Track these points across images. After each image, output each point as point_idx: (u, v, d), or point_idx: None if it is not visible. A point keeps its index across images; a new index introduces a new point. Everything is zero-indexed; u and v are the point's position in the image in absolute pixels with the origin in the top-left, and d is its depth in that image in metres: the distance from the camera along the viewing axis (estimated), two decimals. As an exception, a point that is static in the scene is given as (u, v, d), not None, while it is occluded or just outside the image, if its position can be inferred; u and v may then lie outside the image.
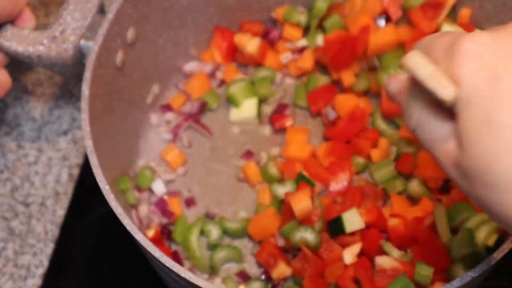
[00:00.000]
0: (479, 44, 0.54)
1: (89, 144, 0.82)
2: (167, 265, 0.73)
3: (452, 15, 1.01)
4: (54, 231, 1.01)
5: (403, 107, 0.63)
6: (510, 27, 0.56)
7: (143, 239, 0.75)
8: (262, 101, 1.03)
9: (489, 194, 0.54)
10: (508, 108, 0.52)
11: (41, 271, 0.99)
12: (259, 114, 1.02)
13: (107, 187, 0.79)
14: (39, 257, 1.00)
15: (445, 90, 0.54)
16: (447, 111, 0.57)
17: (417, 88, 0.60)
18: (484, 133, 0.53)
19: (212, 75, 1.05)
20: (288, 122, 1.00)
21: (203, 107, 1.02)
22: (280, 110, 1.02)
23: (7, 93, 1.00)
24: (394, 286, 0.79)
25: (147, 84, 1.01)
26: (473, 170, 0.54)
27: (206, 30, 1.06)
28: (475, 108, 0.53)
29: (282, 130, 1.00)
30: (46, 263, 0.99)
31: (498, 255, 0.74)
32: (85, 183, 1.04)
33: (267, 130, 1.02)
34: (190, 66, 1.05)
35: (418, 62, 0.55)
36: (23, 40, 0.91)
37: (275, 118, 1.01)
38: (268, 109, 1.02)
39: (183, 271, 0.72)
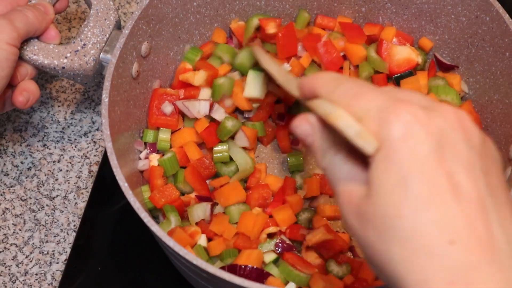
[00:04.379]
0: (413, 116, 0.52)
1: (109, 146, 0.81)
2: (180, 253, 0.72)
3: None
4: (75, 222, 1.02)
5: (315, 148, 0.61)
6: (441, 107, 0.54)
7: (159, 231, 0.75)
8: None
9: (379, 242, 0.52)
10: (423, 181, 0.51)
11: (64, 257, 0.99)
12: None
13: (126, 184, 0.78)
14: (62, 245, 1.00)
15: (369, 145, 0.53)
16: (358, 157, 0.57)
17: (331, 134, 0.59)
18: (395, 190, 0.51)
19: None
20: None
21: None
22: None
23: (37, 101, 1.02)
24: None
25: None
26: (372, 216, 0.53)
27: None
28: (392, 167, 0.52)
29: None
30: (68, 250, 0.99)
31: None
32: (104, 179, 1.04)
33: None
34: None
35: (348, 122, 0.54)
36: (49, 54, 0.91)
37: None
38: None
39: (195, 259, 0.72)
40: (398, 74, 1.02)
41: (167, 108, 0.97)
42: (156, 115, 0.96)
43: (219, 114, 0.98)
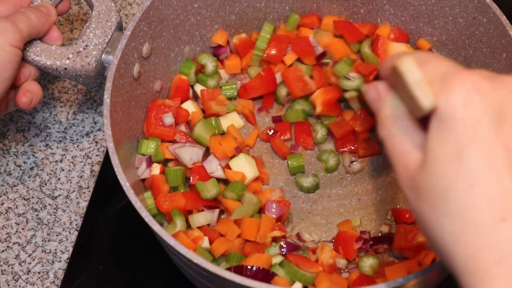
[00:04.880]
0: (476, 85, 0.52)
1: (110, 146, 0.81)
2: (181, 252, 0.72)
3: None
4: (77, 221, 1.02)
5: (379, 114, 0.61)
6: (505, 79, 0.54)
7: (160, 230, 0.75)
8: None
9: (431, 213, 0.52)
10: (479, 153, 0.50)
11: (66, 256, 0.99)
12: None
13: (128, 184, 0.78)
14: (64, 244, 1.00)
15: (426, 99, 0.52)
16: (418, 125, 0.57)
17: (395, 98, 0.59)
18: (450, 161, 0.51)
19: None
20: None
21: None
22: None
23: (40, 102, 1.02)
24: None
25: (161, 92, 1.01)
26: (426, 187, 0.52)
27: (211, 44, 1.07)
28: (450, 134, 0.51)
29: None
30: (70, 249, 0.99)
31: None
32: (105, 179, 1.04)
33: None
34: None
35: (410, 68, 0.54)
36: (51, 55, 0.91)
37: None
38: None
39: (195, 257, 0.72)
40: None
41: (168, 119, 0.96)
42: (154, 125, 0.95)
43: (212, 166, 0.95)
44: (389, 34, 1.05)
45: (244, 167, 0.95)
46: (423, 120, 0.56)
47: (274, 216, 0.92)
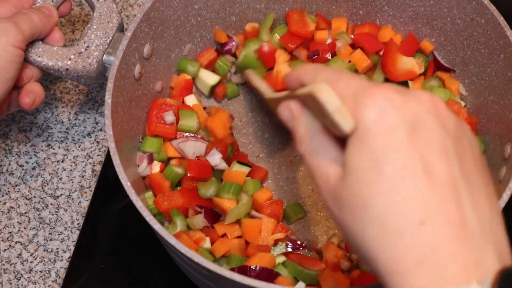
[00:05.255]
0: (388, 99, 0.53)
1: (112, 146, 0.81)
2: (182, 251, 0.72)
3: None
4: (79, 220, 1.02)
5: (296, 134, 0.62)
6: (415, 92, 0.55)
7: (161, 229, 0.75)
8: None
9: (354, 222, 0.53)
10: (396, 162, 0.51)
11: (68, 255, 0.99)
12: None
13: (129, 183, 0.79)
14: (66, 243, 1.00)
15: (347, 124, 0.53)
16: (334, 139, 0.58)
17: (310, 116, 0.61)
18: (370, 171, 0.52)
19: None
20: None
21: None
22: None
23: (42, 103, 1.02)
24: None
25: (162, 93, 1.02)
26: (347, 197, 0.54)
27: (212, 45, 1.07)
28: (368, 147, 0.52)
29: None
30: (72, 248, 1.00)
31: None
32: (107, 178, 1.04)
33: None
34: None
35: (329, 96, 0.54)
36: (53, 55, 0.91)
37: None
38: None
39: (196, 257, 0.72)
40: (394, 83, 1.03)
41: (169, 117, 0.96)
42: (155, 124, 0.96)
43: (215, 159, 0.95)
44: (399, 40, 1.06)
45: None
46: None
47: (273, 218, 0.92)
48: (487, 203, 0.54)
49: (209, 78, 1.04)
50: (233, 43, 1.06)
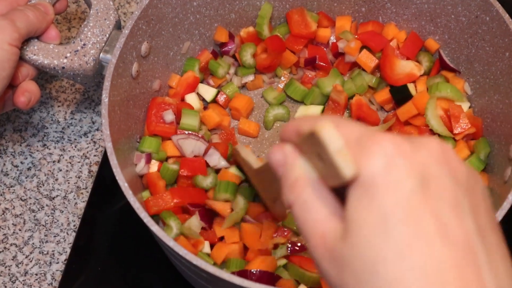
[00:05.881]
0: (396, 147, 0.48)
1: (109, 146, 0.81)
2: (180, 253, 0.72)
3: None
4: (75, 222, 1.02)
5: (285, 179, 0.54)
6: (424, 140, 0.50)
7: (159, 231, 0.75)
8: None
9: (357, 286, 0.47)
10: (406, 222, 0.46)
11: (64, 257, 0.99)
12: None
13: (126, 184, 0.78)
14: (62, 245, 1.00)
15: (347, 168, 0.48)
16: (332, 192, 0.52)
17: (305, 163, 0.54)
18: (376, 232, 0.47)
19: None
20: None
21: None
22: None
23: (38, 102, 1.02)
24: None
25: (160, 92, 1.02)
26: (350, 258, 0.48)
27: (210, 43, 1.07)
28: (372, 202, 0.47)
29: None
30: (68, 250, 0.99)
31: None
32: (103, 179, 1.04)
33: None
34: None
35: (331, 134, 0.49)
36: (49, 54, 0.91)
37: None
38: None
39: (195, 259, 0.72)
40: (394, 87, 1.03)
41: (168, 116, 0.97)
42: (155, 123, 0.96)
43: (214, 159, 0.96)
44: (403, 37, 1.06)
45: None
46: (337, 188, 0.52)
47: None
48: (504, 265, 0.49)
49: (206, 94, 1.05)
50: (233, 45, 1.07)
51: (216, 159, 0.95)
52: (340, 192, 0.51)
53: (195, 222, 0.90)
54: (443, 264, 0.46)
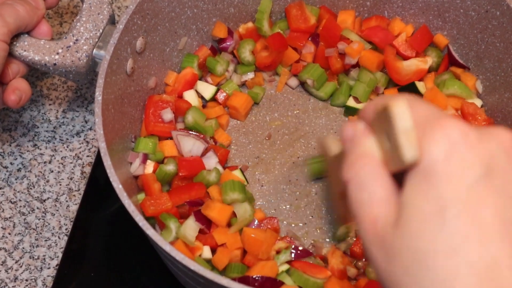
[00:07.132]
0: (462, 135, 0.47)
1: (102, 146, 0.81)
2: (177, 258, 0.72)
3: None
4: (67, 225, 1.01)
5: (349, 154, 0.55)
6: (494, 130, 0.49)
7: (154, 235, 0.75)
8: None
9: (406, 279, 0.47)
10: (464, 214, 0.45)
11: (55, 262, 0.99)
12: None
13: (120, 186, 0.78)
14: (53, 250, 1.00)
15: (409, 150, 0.48)
16: (390, 176, 0.52)
17: (374, 142, 0.54)
18: (430, 222, 0.46)
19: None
20: None
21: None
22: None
23: (28, 100, 1.02)
24: None
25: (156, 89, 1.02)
26: (400, 248, 0.47)
27: (208, 38, 1.07)
28: (431, 190, 0.47)
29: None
30: (60, 255, 0.99)
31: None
32: (97, 180, 1.04)
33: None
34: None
35: (403, 113, 0.49)
36: (40, 49, 0.91)
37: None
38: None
39: (192, 264, 0.72)
40: (400, 86, 1.03)
41: (167, 115, 0.96)
42: (153, 123, 0.96)
43: (211, 162, 0.96)
44: (411, 31, 1.05)
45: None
46: (396, 175, 0.52)
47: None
48: None
49: (205, 91, 1.05)
50: (232, 41, 1.06)
51: (213, 163, 0.95)
52: (400, 179, 0.51)
53: (191, 224, 0.89)
54: (498, 262, 0.45)
